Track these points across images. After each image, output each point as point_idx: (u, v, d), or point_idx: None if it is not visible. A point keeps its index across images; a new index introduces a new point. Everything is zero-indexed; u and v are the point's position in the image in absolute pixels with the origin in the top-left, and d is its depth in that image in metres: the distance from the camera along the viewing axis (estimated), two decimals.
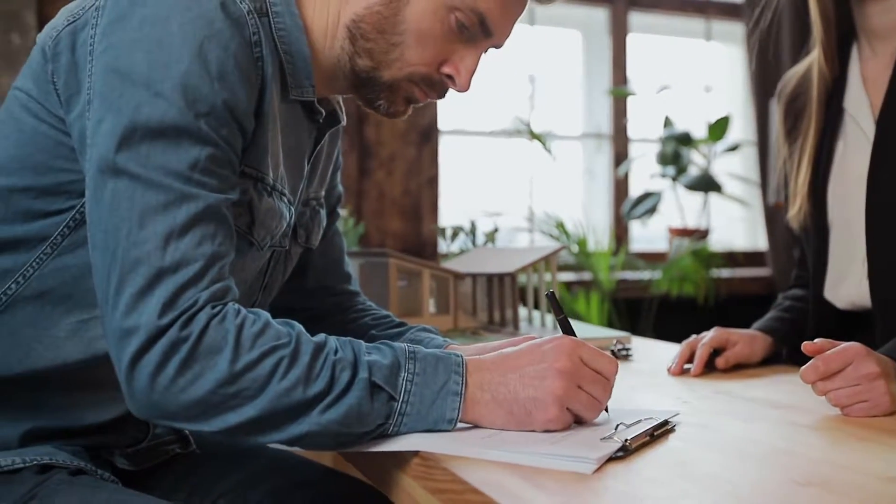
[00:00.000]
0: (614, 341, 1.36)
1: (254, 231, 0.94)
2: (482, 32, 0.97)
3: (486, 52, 1.01)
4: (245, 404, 0.79)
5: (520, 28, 3.90)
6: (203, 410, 0.79)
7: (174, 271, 0.79)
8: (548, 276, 1.56)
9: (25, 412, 0.91)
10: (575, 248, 2.84)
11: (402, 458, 0.84)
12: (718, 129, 3.30)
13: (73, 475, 0.90)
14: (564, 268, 3.01)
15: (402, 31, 0.94)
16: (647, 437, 0.84)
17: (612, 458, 0.78)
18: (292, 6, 0.95)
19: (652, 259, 3.34)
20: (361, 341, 0.86)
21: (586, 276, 2.95)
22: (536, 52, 3.47)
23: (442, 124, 3.27)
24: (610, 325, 2.89)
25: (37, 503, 0.85)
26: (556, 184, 3.43)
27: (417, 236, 3.14)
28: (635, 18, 3.53)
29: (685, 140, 3.25)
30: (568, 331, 0.94)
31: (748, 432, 0.89)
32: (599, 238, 2.99)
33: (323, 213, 1.16)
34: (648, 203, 3.26)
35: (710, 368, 1.25)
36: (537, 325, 1.57)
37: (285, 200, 0.98)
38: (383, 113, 1.00)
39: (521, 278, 1.60)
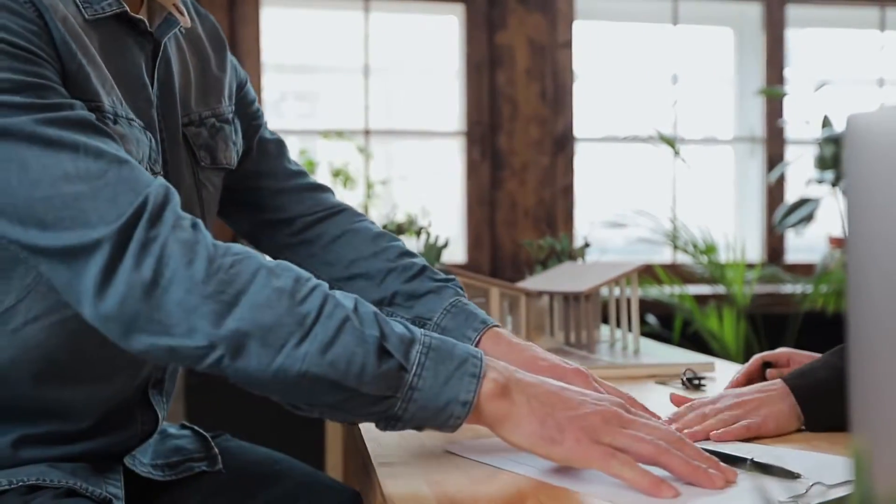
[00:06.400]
0: (684, 370, 1.24)
1: None
2: None
3: None
4: (226, 312, 0.71)
5: (662, 28, 3.66)
6: (183, 318, 0.72)
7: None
8: (629, 293, 1.45)
9: (7, 417, 0.90)
10: (704, 259, 2.66)
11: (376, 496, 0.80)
12: None
13: (60, 497, 0.88)
14: (700, 280, 2.82)
15: None
16: None
17: None
18: None
19: (803, 272, 3.07)
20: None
21: (723, 289, 2.76)
22: (681, 52, 3.29)
23: (579, 131, 3.18)
24: (746, 343, 2.69)
25: None
26: (702, 191, 3.24)
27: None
28: (793, 12, 3.27)
29: None
30: None
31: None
32: (743, 248, 2.78)
33: (229, 128, 1.09)
34: (803, 211, 3.01)
35: None
36: (619, 347, 1.47)
37: (137, 125, 0.91)
38: None
39: (605, 294, 1.51)
